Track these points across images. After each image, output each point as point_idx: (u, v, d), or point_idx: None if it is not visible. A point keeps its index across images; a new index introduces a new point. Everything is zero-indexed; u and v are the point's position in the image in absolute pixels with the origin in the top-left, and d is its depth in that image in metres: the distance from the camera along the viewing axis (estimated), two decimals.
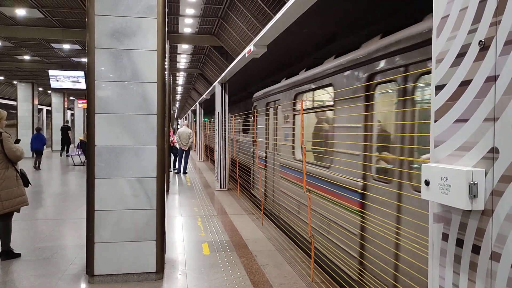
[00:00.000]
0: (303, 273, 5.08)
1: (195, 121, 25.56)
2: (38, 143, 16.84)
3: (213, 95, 14.36)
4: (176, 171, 15.53)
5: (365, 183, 4.26)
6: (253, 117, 9.86)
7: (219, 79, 11.62)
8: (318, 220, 5.54)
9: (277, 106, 7.98)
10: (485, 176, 1.72)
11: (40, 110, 35.09)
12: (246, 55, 7.46)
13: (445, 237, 1.95)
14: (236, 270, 5.16)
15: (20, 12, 13.08)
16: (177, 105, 51.59)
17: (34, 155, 16.98)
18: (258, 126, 9.45)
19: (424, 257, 2.93)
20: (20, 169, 5.64)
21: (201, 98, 20.98)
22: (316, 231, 5.62)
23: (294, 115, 6.78)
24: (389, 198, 3.70)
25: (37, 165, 16.70)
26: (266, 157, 8.90)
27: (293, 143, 6.79)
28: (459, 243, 1.86)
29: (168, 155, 12.79)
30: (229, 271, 5.12)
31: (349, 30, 8.03)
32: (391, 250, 3.64)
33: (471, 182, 1.72)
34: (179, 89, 37.32)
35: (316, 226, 5.60)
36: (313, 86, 6.05)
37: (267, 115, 8.72)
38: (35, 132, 17.42)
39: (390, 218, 3.64)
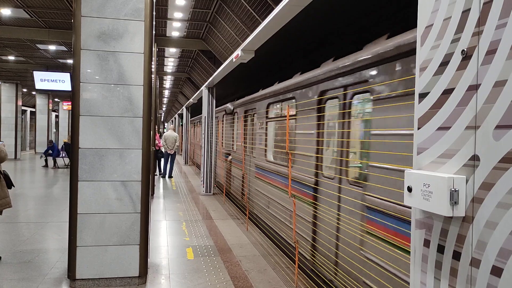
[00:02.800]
0: (287, 278, 5.08)
1: (182, 125, 25.48)
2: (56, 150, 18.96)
3: (200, 99, 14.33)
4: (162, 175, 15.43)
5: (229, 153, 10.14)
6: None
7: (206, 83, 11.61)
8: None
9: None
10: (466, 183, 1.74)
11: (24, 112, 34.62)
12: (234, 60, 7.47)
13: (426, 243, 1.97)
14: (220, 275, 5.14)
15: (5, 11, 12.91)
16: (163, 109, 51.35)
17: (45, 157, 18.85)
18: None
19: None
20: (3, 170, 5.55)
21: (188, 102, 20.92)
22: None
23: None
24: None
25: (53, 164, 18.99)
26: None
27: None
28: (440, 249, 1.88)
29: (154, 159, 12.70)
30: (213, 276, 5.09)
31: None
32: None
33: (452, 189, 1.74)
34: (166, 93, 37.16)
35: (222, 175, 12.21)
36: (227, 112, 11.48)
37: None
38: (49, 145, 19.54)
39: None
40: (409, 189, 1.97)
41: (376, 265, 3.62)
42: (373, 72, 3.92)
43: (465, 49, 1.77)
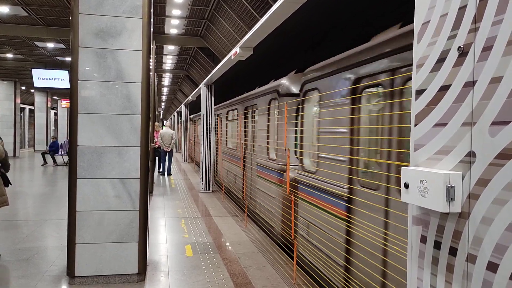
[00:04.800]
0: (285, 275, 5.10)
1: (181, 122, 25.46)
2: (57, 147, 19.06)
3: (198, 97, 14.32)
4: (161, 172, 15.43)
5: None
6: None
7: (205, 80, 11.60)
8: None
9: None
10: (462, 179, 1.75)
11: (22, 109, 34.55)
12: (232, 57, 7.47)
13: (423, 239, 1.98)
14: (219, 272, 5.15)
15: (3, 9, 12.88)
16: (162, 106, 51.31)
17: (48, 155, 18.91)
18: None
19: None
20: (0, 168, 5.55)
21: (187, 99, 20.91)
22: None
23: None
24: None
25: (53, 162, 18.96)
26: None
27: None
28: (437, 245, 1.89)
29: (153, 156, 12.71)
30: (212, 273, 5.11)
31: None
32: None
33: (449, 185, 1.75)
34: (165, 90, 37.11)
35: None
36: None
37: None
38: (52, 140, 19.65)
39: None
40: (406, 186, 1.98)
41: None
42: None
43: (462, 46, 1.77)
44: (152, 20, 4.86)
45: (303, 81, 5.48)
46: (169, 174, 15.20)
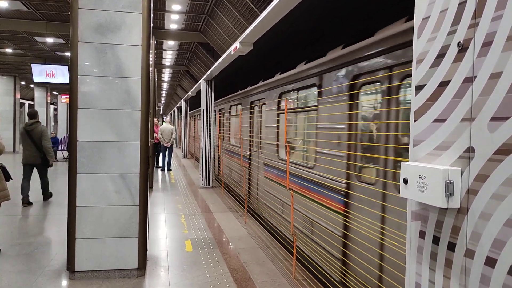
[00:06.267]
0: (285, 270, 5.11)
1: (181, 118, 25.45)
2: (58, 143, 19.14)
3: (198, 92, 14.32)
4: (160, 168, 15.44)
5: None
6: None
7: (204, 76, 11.59)
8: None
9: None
10: (461, 175, 1.75)
11: (22, 105, 34.51)
12: (232, 52, 7.45)
13: (422, 234, 1.99)
14: (218, 267, 5.16)
15: (2, 4, 12.85)
16: (162, 102, 51.26)
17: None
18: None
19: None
20: (0, 163, 5.55)
21: (186, 95, 20.89)
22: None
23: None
24: None
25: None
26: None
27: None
28: (435, 240, 1.90)
29: (153, 152, 12.71)
30: (212, 268, 5.12)
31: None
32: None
33: (448, 181, 1.75)
34: (165, 86, 37.05)
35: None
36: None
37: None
38: (51, 135, 19.36)
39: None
40: (405, 181, 1.98)
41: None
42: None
43: (462, 41, 1.77)
44: (151, 15, 4.85)
45: (215, 106, 13.20)
46: (169, 169, 15.20)
